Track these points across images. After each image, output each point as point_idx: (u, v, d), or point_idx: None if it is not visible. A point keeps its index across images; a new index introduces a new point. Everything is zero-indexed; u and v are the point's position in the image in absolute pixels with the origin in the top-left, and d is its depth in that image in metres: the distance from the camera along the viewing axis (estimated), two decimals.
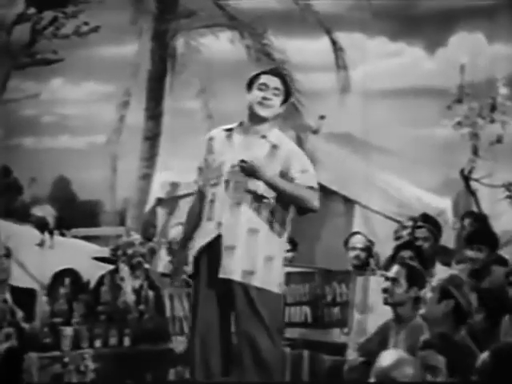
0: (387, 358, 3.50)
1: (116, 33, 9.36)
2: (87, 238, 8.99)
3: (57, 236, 8.77)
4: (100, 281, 6.34)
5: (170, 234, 7.03)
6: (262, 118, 4.82)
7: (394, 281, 5.34)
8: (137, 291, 6.26)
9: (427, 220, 6.91)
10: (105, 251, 7.04)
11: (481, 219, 7.50)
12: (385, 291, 5.37)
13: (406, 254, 6.05)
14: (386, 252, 6.67)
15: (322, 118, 8.73)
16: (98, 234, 9.41)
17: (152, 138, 9.73)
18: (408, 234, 6.98)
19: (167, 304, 6.33)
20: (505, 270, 6.04)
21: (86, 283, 6.25)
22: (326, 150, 8.80)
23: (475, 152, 8.60)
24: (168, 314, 6.28)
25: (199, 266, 4.82)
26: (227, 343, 4.83)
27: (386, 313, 5.50)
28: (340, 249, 7.23)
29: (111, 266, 6.54)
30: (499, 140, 8.52)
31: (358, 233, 7.31)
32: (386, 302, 5.38)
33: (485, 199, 8.57)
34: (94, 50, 9.31)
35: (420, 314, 4.90)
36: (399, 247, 6.35)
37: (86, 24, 9.20)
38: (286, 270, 5.21)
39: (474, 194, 8.63)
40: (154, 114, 9.74)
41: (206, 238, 4.79)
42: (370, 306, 6.21)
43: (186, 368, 5.96)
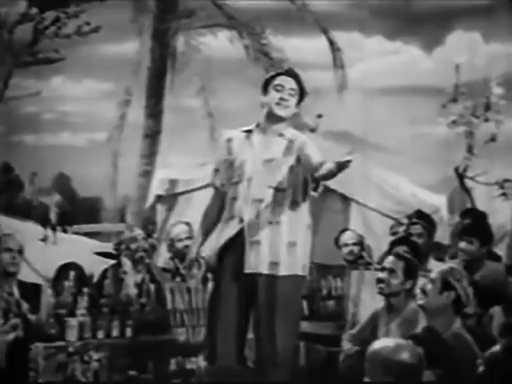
0: (386, 343, 3.60)
1: (117, 32, 9.37)
2: (88, 234, 9.06)
3: (59, 232, 8.86)
4: (103, 274, 6.41)
5: (172, 231, 6.97)
6: (279, 118, 4.92)
7: (391, 272, 5.43)
8: (139, 285, 6.32)
9: (421, 217, 6.95)
10: (107, 246, 7.13)
11: (480, 217, 7.43)
12: (381, 281, 5.44)
13: (401, 249, 6.03)
14: (383, 248, 6.69)
15: (319, 116, 8.70)
16: (98, 231, 9.44)
17: (152, 135, 9.73)
18: (404, 231, 6.98)
19: (168, 297, 6.46)
20: (498, 265, 6.18)
21: (90, 277, 6.33)
22: (324, 148, 8.80)
23: (470, 150, 8.69)
24: (169, 306, 6.36)
25: (223, 261, 4.90)
26: (243, 336, 4.91)
27: (379, 305, 5.57)
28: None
29: (113, 261, 6.60)
30: (493, 138, 8.62)
31: (347, 229, 7.34)
32: (381, 292, 5.45)
33: (479, 196, 8.63)
34: (94, 49, 9.32)
35: (419, 305, 4.90)
36: (395, 242, 6.37)
37: (88, 24, 9.24)
38: None
39: (468, 191, 8.72)
40: (155, 111, 9.74)
41: (229, 234, 4.86)
42: (364, 299, 6.34)
43: (187, 358, 6.10)
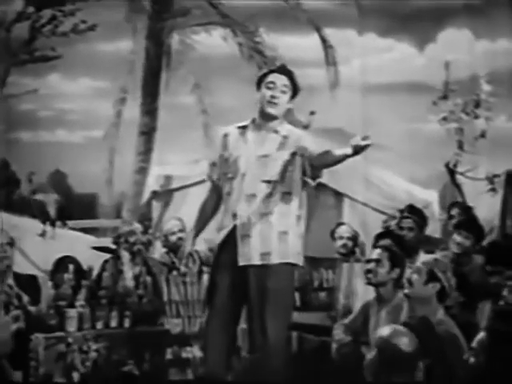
0: (386, 329, 3.74)
1: (112, 30, 9.23)
2: (85, 230, 9.13)
3: (58, 228, 8.93)
4: (102, 267, 6.53)
5: (166, 227, 7.08)
6: (271, 116, 4.98)
7: (378, 262, 5.57)
8: (136, 277, 6.42)
9: (412, 211, 7.08)
10: (105, 241, 7.21)
11: (466, 209, 7.62)
12: (369, 272, 5.58)
13: (386, 242, 6.16)
14: None
15: (312, 113, 8.63)
16: (95, 226, 9.53)
17: (148, 132, 9.60)
18: (395, 224, 7.11)
19: (164, 289, 6.61)
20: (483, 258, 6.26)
21: (89, 270, 6.42)
22: (316, 143, 8.81)
23: (460, 146, 8.70)
24: (165, 298, 6.53)
25: (219, 255, 4.99)
26: (235, 328, 5.02)
27: (369, 297, 5.71)
28: (329, 239, 7.27)
29: (110, 255, 6.70)
30: (483, 135, 8.64)
31: (343, 223, 7.43)
32: (370, 283, 5.58)
33: (469, 191, 8.65)
34: (91, 47, 9.21)
35: (405, 294, 5.04)
36: (379, 236, 6.53)
37: (84, 22, 9.15)
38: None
39: (458, 186, 8.74)
40: (150, 109, 9.60)
41: (225, 228, 4.94)
42: (355, 291, 6.49)
43: (182, 348, 6.26)
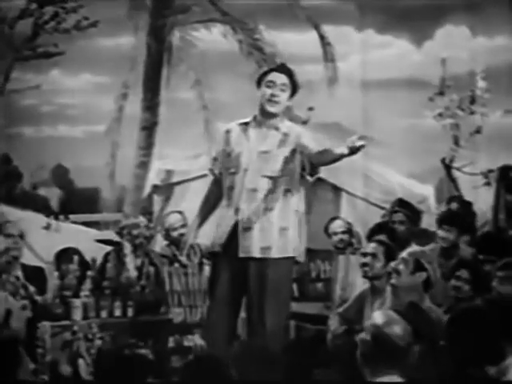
0: (379, 317, 3.80)
1: (114, 27, 9.28)
2: (87, 223, 9.25)
3: (62, 222, 9.04)
4: (105, 258, 6.65)
5: (167, 221, 7.14)
6: (271, 114, 5.12)
7: (373, 256, 5.70)
8: (139, 268, 6.55)
9: (402, 205, 7.21)
10: (109, 234, 7.36)
11: (465, 203, 7.72)
12: (365, 265, 5.71)
13: (381, 235, 6.26)
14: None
15: (310, 109, 8.62)
16: (97, 220, 9.59)
17: (149, 127, 9.62)
18: (387, 218, 7.23)
19: (166, 280, 6.74)
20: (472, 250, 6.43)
21: (93, 261, 6.50)
22: (315, 140, 8.85)
23: (456, 142, 8.75)
24: (167, 288, 6.66)
25: (223, 248, 5.11)
26: (235, 318, 5.17)
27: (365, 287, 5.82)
28: None
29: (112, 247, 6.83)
30: (478, 131, 8.69)
31: (336, 218, 7.46)
32: (365, 276, 5.72)
33: (464, 186, 8.71)
34: (93, 43, 9.26)
35: (391, 283, 5.17)
36: (374, 230, 6.67)
37: (86, 19, 9.18)
38: None
39: (454, 181, 8.80)
40: (151, 104, 9.62)
41: (228, 223, 5.07)
42: (351, 282, 6.64)
43: (184, 336, 6.41)
